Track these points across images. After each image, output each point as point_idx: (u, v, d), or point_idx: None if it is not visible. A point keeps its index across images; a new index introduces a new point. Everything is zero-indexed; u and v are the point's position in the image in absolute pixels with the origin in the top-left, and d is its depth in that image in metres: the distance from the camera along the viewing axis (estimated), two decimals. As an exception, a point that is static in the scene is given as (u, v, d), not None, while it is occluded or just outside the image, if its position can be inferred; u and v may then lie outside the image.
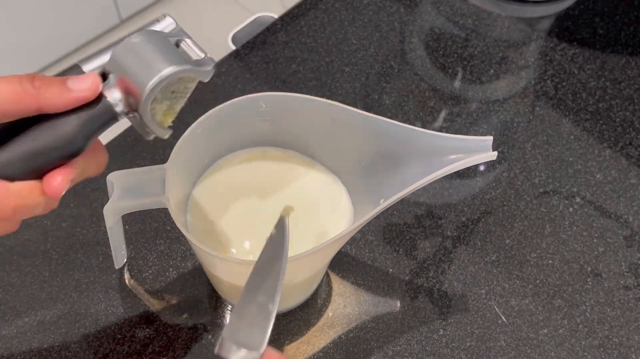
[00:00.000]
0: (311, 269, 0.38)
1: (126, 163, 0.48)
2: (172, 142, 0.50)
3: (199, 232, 0.38)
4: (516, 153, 0.50)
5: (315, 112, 0.38)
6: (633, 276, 0.44)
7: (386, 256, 0.44)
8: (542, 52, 0.57)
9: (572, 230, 0.46)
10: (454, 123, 0.52)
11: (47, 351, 0.40)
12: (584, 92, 0.54)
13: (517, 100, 0.54)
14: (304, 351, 0.40)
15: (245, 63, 0.55)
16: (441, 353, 0.40)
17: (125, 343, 0.40)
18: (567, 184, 0.48)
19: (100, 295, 0.42)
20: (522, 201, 0.47)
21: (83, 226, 0.44)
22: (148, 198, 0.35)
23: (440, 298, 0.43)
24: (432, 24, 0.60)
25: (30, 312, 0.41)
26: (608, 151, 0.50)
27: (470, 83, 0.55)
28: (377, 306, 0.42)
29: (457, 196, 0.48)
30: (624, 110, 0.53)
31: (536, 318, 0.42)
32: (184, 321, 0.41)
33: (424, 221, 0.46)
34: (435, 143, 0.34)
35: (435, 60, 0.56)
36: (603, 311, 0.42)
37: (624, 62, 0.56)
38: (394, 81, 0.55)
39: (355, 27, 0.58)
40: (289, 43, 0.56)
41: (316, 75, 0.54)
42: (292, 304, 0.42)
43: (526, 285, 0.43)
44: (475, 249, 0.45)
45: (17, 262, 0.43)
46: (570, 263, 0.44)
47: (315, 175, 0.41)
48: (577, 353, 0.41)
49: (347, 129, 0.37)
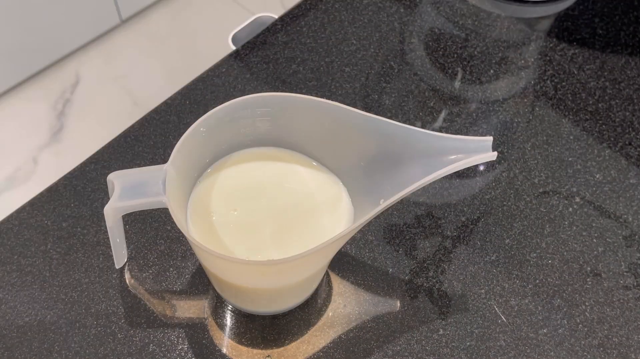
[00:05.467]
0: (311, 269, 0.38)
1: (126, 163, 0.48)
2: (172, 141, 0.50)
3: (199, 232, 0.38)
4: (516, 153, 0.50)
5: (315, 112, 0.38)
6: (632, 276, 0.44)
7: (386, 256, 0.44)
8: (542, 52, 0.57)
9: (572, 230, 0.46)
10: (454, 124, 0.52)
11: (47, 351, 0.40)
12: (583, 92, 0.54)
13: (516, 100, 0.54)
14: (304, 350, 0.40)
15: (245, 63, 0.55)
16: (441, 352, 0.40)
17: (125, 343, 0.40)
18: (567, 184, 0.48)
19: (100, 295, 0.42)
20: (522, 201, 0.47)
21: (83, 226, 0.45)
22: (148, 198, 0.35)
23: (440, 298, 0.43)
24: (431, 24, 0.60)
25: (30, 312, 0.41)
26: (608, 151, 0.50)
27: (470, 84, 0.55)
28: (377, 306, 0.42)
29: (456, 197, 0.48)
30: (624, 110, 0.53)
31: (536, 318, 0.42)
32: (184, 321, 0.41)
33: (424, 221, 0.46)
34: (435, 144, 0.34)
35: (435, 61, 0.56)
36: (603, 310, 0.42)
37: (623, 62, 0.56)
38: (394, 81, 0.55)
39: (355, 27, 0.58)
40: (289, 43, 0.56)
41: (316, 75, 0.54)
42: (292, 304, 0.42)
43: (526, 285, 0.43)
44: (475, 249, 0.45)
45: (17, 262, 0.43)
46: (569, 262, 0.44)
47: (315, 175, 0.41)
48: (577, 352, 0.41)
49: (347, 129, 0.37)
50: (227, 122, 0.38)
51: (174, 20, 1.28)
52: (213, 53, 0.71)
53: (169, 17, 1.27)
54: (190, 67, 0.95)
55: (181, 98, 0.52)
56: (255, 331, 0.41)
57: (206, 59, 0.64)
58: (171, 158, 0.35)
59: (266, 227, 0.38)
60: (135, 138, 0.49)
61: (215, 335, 0.41)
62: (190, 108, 0.51)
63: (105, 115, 1.19)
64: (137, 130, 0.50)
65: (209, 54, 0.79)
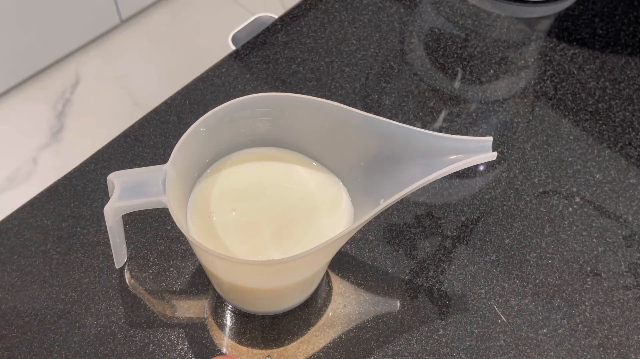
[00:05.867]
0: (311, 269, 0.38)
1: (126, 163, 0.48)
2: (172, 141, 0.50)
3: (199, 232, 0.38)
4: (516, 153, 0.50)
5: (315, 112, 0.38)
6: (632, 276, 0.44)
7: (386, 256, 0.44)
8: (542, 52, 0.57)
9: (572, 230, 0.46)
10: (454, 124, 0.52)
11: (47, 351, 0.40)
12: (583, 92, 0.54)
13: (516, 100, 0.54)
14: (304, 350, 0.40)
15: (245, 63, 0.55)
16: (441, 352, 0.40)
17: (125, 343, 0.40)
18: (567, 184, 0.48)
19: (100, 295, 0.42)
20: (522, 201, 0.47)
21: (83, 226, 0.45)
22: (148, 198, 0.35)
23: (440, 298, 0.43)
24: (431, 24, 0.60)
25: (30, 312, 0.41)
26: (607, 151, 0.50)
27: (470, 84, 0.55)
28: (377, 306, 0.42)
29: (456, 197, 0.48)
30: (624, 110, 0.53)
31: (536, 318, 0.42)
32: (184, 321, 0.41)
33: (424, 221, 0.46)
34: (435, 144, 0.34)
35: (435, 61, 0.56)
36: (603, 311, 0.42)
37: (623, 62, 0.56)
38: (394, 81, 0.55)
39: (355, 27, 0.58)
40: (289, 43, 0.56)
41: (316, 75, 0.54)
42: (292, 304, 0.42)
43: (526, 285, 0.43)
44: (475, 249, 0.45)
45: (17, 262, 0.43)
46: (569, 262, 0.44)
47: (315, 175, 0.41)
48: (577, 352, 0.41)
49: (347, 129, 0.37)
50: (227, 122, 0.38)
51: (174, 20, 1.28)
52: (213, 53, 0.71)
53: (169, 17, 1.27)
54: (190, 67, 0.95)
55: (181, 98, 0.52)
56: (255, 331, 0.41)
57: (206, 59, 0.64)
58: (171, 158, 0.35)
59: (266, 227, 0.38)
60: (135, 138, 0.49)
61: (215, 335, 0.41)
62: (190, 108, 0.51)
63: (105, 115, 1.19)
64: (137, 130, 0.50)
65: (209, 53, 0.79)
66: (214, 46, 0.90)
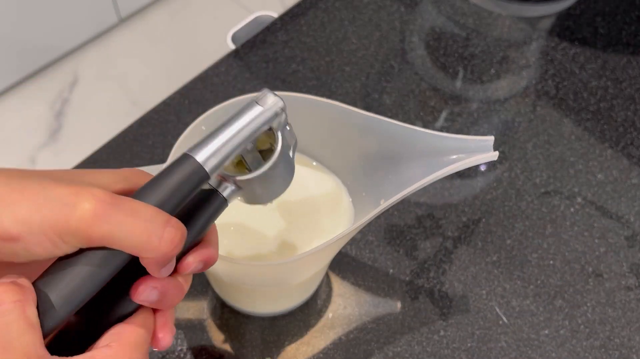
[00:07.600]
0: (311, 270, 0.37)
1: (125, 163, 0.48)
2: (171, 141, 0.50)
3: (198, 233, 0.37)
4: (517, 153, 0.50)
5: (315, 111, 0.37)
6: (634, 276, 0.44)
7: (386, 257, 0.44)
8: (543, 51, 0.57)
9: (574, 230, 0.46)
10: (455, 123, 0.52)
11: (45, 353, 0.39)
12: (585, 92, 0.54)
13: (518, 99, 0.54)
14: (304, 352, 0.40)
15: (244, 62, 0.55)
16: (442, 353, 0.40)
17: (123, 344, 0.40)
18: (569, 184, 0.48)
19: (98, 296, 0.41)
20: (523, 201, 0.47)
21: (81, 226, 0.44)
22: (147, 198, 0.34)
23: (441, 299, 0.42)
24: (432, 23, 0.59)
25: (28, 313, 0.41)
26: (609, 151, 0.50)
27: (471, 83, 0.55)
28: (377, 307, 0.42)
29: (457, 197, 0.47)
30: (626, 109, 0.53)
31: (537, 319, 0.42)
32: (184, 322, 0.41)
33: (425, 221, 0.46)
34: (435, 143, 0.34)
35: (436, 60, 0.56)
36: (604, 311, 0.42)
37: (625, 62, 0.56)
38: (395, 81, 0.54)
39: (355, 26, 0.58)
40: (288, 42, 0.56)
41: (316, 75, 0.54)
42: (292, 305, 0.41)
43: (527, 286, 0.43)
44: (476, 249, 0.45)
45: (15, 263, 0.43)
46: (571, 263, 0.44)
47: (315, 175, 0.41)
48: (579, 353, 0.41)
49: (347, 129, 0.37)
50: (227, 121, 0.38)
51: (173, 19, 1.28)
52: (212, 52, 0.70)
53: (167, 16, 1.27)
54: (189, 66, 0.94)
55: (180, 97, 0.52)
56: (255, 333, 0.41)
57: (205, 58, 0.64)
58: (170, 158, 0.35)
59: (266, 228, 0.38)
60: (134, 138, 0.49)
61: (214, 336, 0.41)
62: (189, 107, 0.51)
63: (104, 114, 1.18)
64: (135, 129, 0.50)
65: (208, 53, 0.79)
66: (213, 45, 0.90)
